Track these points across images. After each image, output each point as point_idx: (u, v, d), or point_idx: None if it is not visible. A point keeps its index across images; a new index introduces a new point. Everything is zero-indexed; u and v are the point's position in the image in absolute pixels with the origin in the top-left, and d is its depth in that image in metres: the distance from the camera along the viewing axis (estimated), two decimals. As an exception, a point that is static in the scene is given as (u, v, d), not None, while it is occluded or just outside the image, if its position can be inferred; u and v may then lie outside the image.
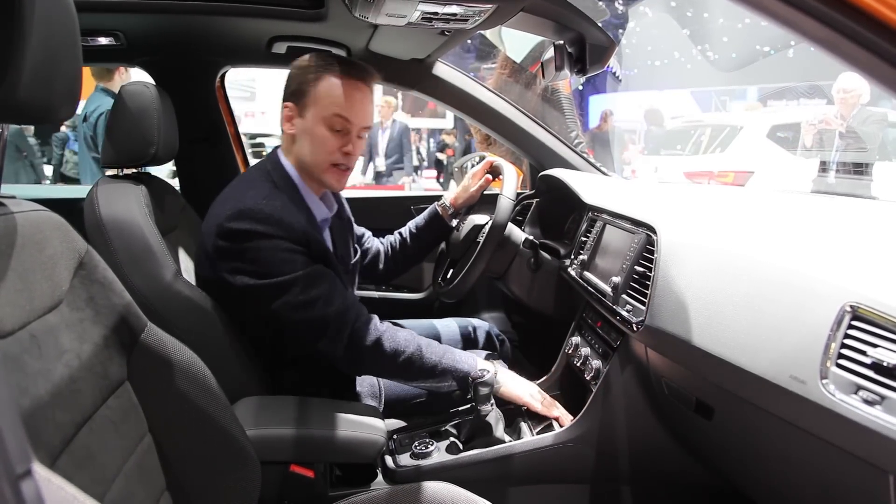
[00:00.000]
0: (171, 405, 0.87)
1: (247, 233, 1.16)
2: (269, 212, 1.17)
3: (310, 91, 1.24)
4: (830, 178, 4.52)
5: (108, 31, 1.65)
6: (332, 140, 1.26)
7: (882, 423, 0.64)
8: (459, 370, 1.26)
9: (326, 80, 1.24)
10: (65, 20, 0.67)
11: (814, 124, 4.64)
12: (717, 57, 9.32)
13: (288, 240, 1.18)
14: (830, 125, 4.39)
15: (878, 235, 1.03)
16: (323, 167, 1.28)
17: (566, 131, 2.59)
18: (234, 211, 1.17)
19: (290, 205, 1.23)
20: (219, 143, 1.97)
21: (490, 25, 1.39)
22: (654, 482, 1.33)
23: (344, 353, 1.20)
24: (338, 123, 1.25)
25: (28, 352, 0.63)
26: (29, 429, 0.60)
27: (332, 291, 1.21)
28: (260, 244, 1.16)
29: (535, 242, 1.64)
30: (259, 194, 1.21)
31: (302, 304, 1.17)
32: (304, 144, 1.27)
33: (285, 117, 1.29)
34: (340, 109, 1.24)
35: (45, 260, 0.71)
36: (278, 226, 1.17)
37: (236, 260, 1.18)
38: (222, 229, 1.17)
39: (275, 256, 1.17)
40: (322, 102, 1.24)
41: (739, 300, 0.89)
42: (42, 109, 0.66)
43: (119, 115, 1.28)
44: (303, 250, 1.20)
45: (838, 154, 4.43)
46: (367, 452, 1.13)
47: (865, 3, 0.47)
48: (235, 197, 1.22)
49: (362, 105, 1.27)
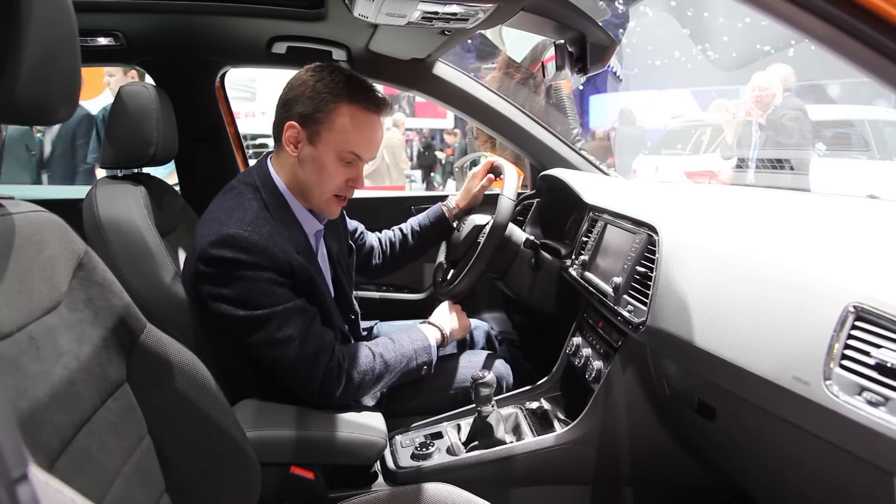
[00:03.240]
0: (171, 406, 0.87)
1: (229, 261, 1.11)
2: (254, 240, 1.12)
3: (324, 120, 1.17)
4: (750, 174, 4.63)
5: (108, 32, 1.65)
6: (341, 173, 1.21)
7: (886, 425, 0.64)
8: (418, 350, 1.34)
9: (345, 113, 1.17)
10: (63, 20, 0.66)
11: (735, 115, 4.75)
12: (717, 56, 9.31)
13: (271, 270, 1.13)
14: (751, 116, 4.47)
15: (881, 235, 1.03)
16: (326, 197, 1.24)
17: (567, 131, 2.59)
18: (218, 237, 1.12)
19: (278, 230, 1.18)
20: (219, 143, 1.96)
21: (490, 25, 1.39)
22: (656, 483, 1.32)
23: (318, 396, 1.17)
24: (349, 158, 1.20)
25: (26, 353, 0.63)
26: (27, 431, 0.60)
27: (308, 331, 1.16)
28: (242, 274, 1.12)
29: (536, 242, 1.64)
30: (245, 218, 1.15)
31: (277, 342, 1.13)
32: (310, 172, 1.21)
33: (290, 138, 1.20)
34: (355, 147, 1.19)
35: (43, 261, 0.70)
36: (262, 255, 1.12)
37: (217, 287, 1.13)
38: (205, 255, 1.12)
39: (256, 287, 1.12)
40: (337, 137, 1.18)
41: (741, 300, 0.89)
42: (40, 110, 0.66)
43: (118, 115, 1.28)
44: (286, 281, 1.16)
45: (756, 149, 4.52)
46: (368, 454, 1.13)
47: (871, 2, 0.47)
48: (220, 219, 1.16)
49: (377, 140, 1.23)
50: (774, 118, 4.27)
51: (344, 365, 1.19)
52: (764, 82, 4.31)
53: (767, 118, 4.30)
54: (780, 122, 4.26)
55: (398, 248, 1.74)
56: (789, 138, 4.31)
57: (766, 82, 4.30)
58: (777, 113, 4.27)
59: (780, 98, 4.30)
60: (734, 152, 4.86)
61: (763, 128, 4.38)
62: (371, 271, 1.74)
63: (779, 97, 4.29)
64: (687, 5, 9.50)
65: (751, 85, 4.37)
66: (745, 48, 8.58)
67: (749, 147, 4.60)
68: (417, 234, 1.73)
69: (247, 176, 1.26)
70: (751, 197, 1.63)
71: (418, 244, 1.73)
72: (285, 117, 1.20)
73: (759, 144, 4.47)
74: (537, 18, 1.40)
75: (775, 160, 4.41)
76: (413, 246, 1.73)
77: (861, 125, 5.60)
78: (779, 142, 4.34)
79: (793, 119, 4.27)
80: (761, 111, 4.32)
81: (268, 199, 1.22)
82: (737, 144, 4.81)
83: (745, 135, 4.70)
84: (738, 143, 4.80)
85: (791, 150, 4.39)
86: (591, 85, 10.66)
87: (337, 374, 1.18)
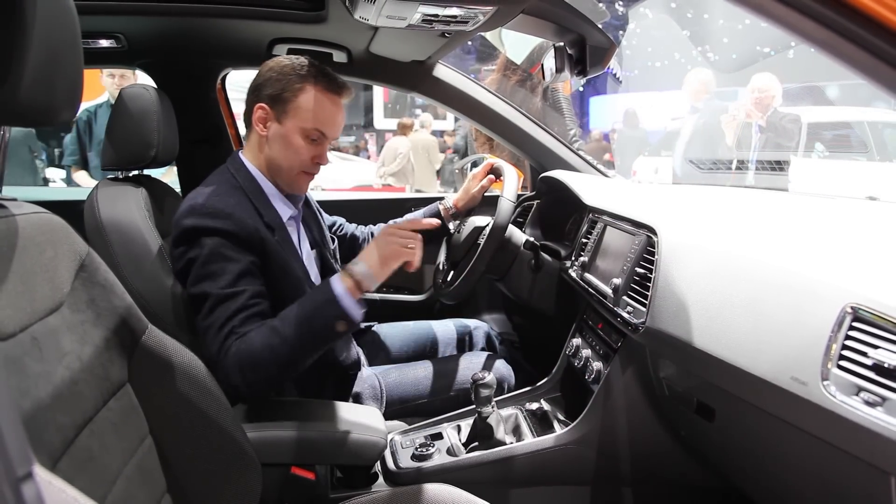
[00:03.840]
0: (172, 407, 0.87)
1: (196, 229, 1.15)
2: (220, 207, 1.17)
3: (291, 100, 1.25)
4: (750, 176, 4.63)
5: (110, 34, 1.65)
6: (307, 150, 1.28)
7: (883, 425, 0.64)
8: (319, 304, 1.11)
9: (309, 93, 1.26)
10: (66, 22, 0.67)
11: (736, 117, 4.74)
12: (717, 58, 9.32)
13: (235, 236, 1.15)
14: (751, 118, 4.46)
15: (879, 236, 1.03)
16: (294, 173, 1.30)
17: (564, 132, 2.59)
18: (186, 208, 1.18)
19: (246, 202, 1.23)
20: (220, 144, 1.97)
21: (490, 27, 1.39)
22: (656, 484, 1.32)
23: (217, 354, 1.07)
24: (314, 135, 1.28)
25: (29, 354, 0.63)
26: (30, 431, 0.60)
27: (238, 278, 1.12)
28: (206, 240, 1.15)
29: (536, 244, 1.64)
30: (214, 191, 1.22)
31: (206, 276, 1.12)
32: (277, 149, 1.28)
33: (259, 119, 1.28)
34: (320, 124, 1.27)
35: (46, 262, 0.71)
36: (228, 220, 1.16)
37: (185, 255, 1.16)
38: (177, 228, 1.18)
39: (217, 251, 1.14)
40: (303, 115, 1.26)
41: (740, 302, 0.89)
42: (43, 111, 0.66)
43: (119, 117, 1.28)
44: (243, 257, 1.15)
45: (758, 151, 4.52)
46: (368, 454, 1.13)
47: (864, 4, 0.47)
48: (192, 196, 1.22)
49: (339, 120, 1.31)
50: (774, 120, 4.28)
51: (240, 345, 1.07)
52: (763, 84, 4.32)
53: (767, 120, 4.31)
54: (780, 125, 4.27)
55: None
56: (789, 141, 4.32)
57: (766, 84, 4.31)
58: (776, 115, 4.28)
59: (780, 100, 4.31)
60: (734, 154, 4.86)
61: (763, 129, 4.39)
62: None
63: (778, 99, 4.30)
64: (687, 7, 9.51)
65: (750, 87, 4.38)
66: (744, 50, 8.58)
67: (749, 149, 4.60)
68: None
69: (221, 169, 1.33)
70: (750, 198, 1.64)
71: None
72: (254, 101, 1.29)
73: (759, 146, 4.47)
74: (537, 21, 1.40)
75: (774, 162, 4.41)
76: None
77: (860, 127, 5.60)
78: (779, 143, 4.34)
79: (792, 121, 4.28)
80: (761, 113, 4.33)
81: (243, 182, 1.28)
82: (736, 146, 4.81)
83: (744, 136, 4.70)
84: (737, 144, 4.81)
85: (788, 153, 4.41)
86: (591, 87, 10.66)
87: (235, 353, 1.07)
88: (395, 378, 1.49)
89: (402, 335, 1.73)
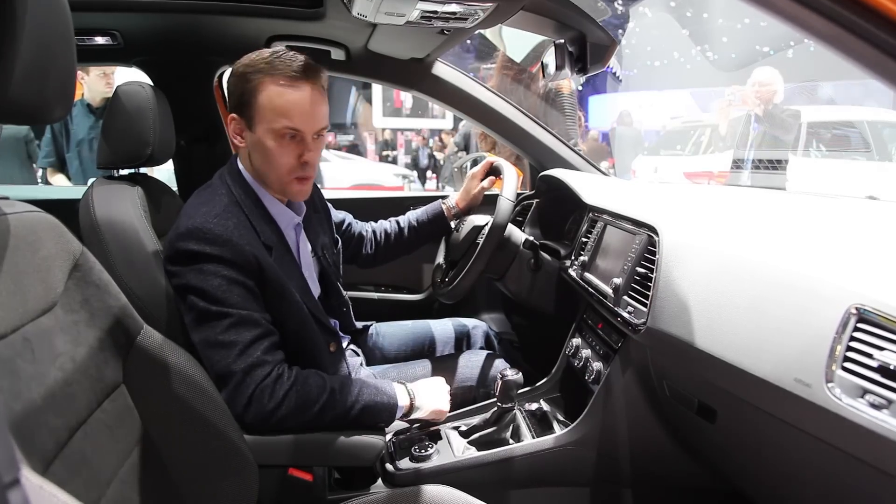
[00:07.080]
0: (168, 408, 0.87)
1: (193, 253, 1.10)
2: (218, 232, 1.11)
3: (252, 102, 1.14)
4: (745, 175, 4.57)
5: (105, 31, 1.64)
6: (288, 151, 1.17)
7: (889, 427, 0.63)
8: (380, 403, 1.17)
9: (266, 89, 1.13)
10: (58, 19, 0.66)
11: (731, 102, 4.65)
12: (716, 57, 9.33)
13: (234, 265, 1.11)
14: (748, 105, 4.38)
15: (881, 237, 1.02)
16: (284, 180, 1.20)
17: (565, 131, 2.58)
18: (184, 229, 1.12)
19: (246, 223, 1.16)
20: (217, 142, 1.96)
21: (490, 24, 1.38)
22: (656, 485, 1.32)
23: (244, 411, 1.06)
24: (287, 132, 1.15)
25: (21, 355, 0.62)
26: (22, 434, 0.59)
27: (251, 346, 1.09)
28: (204, 267, 1.10)
29: (536, 243, 1.64)
30: (212, 211, 1.14)
31: (218, 344, 1.08)
32: (259, 159, 1.19)
33: (234, 131, 1.19)
34: (288, 120, 1.14)
35: (39, 262, 0.70)
36: (226, 247, 1.10)
37: (181, 278, 1.12)
38: (172, 248, 1.12)
39: (215, 282, 1.09)
40: (268, 115, 1.14)
41: (742, 302, 0.88)
42: (35, 109, 0.65)
43: (115, 115, 1.27)
44: (247, 282, 1.12)
45: (754, 146, 4.45)
46: (366, 455, 1.12)
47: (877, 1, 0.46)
48: (189, 213, 1.15)
49: (310, 108, 1.15)
50: (774, 113, 4.21)
51: (284, 383, 1.09)
52: (765, 77, 4.24)
53: (765, 112, 4.23)
54: (780, 118, 4.21)
55: (392, 239, 1.72)
56: (787, 134, 4.27)
57: (768, 77, 4.23)
58: (777, 109, 4.23)
59: (782, 96, 4.25)
60: (726, 144, 4.78)
61: (760, 120, 4.31)
62: (362, 261, 1.72)
63: (780, 94, 4.24)
64: (686, 6, 9.51)
65: (751, 80, 4.32)
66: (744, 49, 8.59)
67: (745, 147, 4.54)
68: (413, 229, 1.72)
69: (220, 172, 1.27)
70: (751, 198, 1.63)
71: (413, 238, 1.72)
72: (227, 112, 1.20)
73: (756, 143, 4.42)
74: (537, 18, 1.39)
75: (775, 161, 4.39)
76: (408, 239, 1.72)
77: (861, 126, 5.61)
78: (776, 137, 4.29)
79: (791, 115, 4.23)
80: (759, 103, 4.26)
81: (238, 194, 1.21)
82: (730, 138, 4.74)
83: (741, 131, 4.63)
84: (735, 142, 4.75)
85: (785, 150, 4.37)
86: (591, 86, 10.67)
87: (271, 392, 1.07)
88: (394, 378, 1.48)
89: (401, 334, 1.72)
